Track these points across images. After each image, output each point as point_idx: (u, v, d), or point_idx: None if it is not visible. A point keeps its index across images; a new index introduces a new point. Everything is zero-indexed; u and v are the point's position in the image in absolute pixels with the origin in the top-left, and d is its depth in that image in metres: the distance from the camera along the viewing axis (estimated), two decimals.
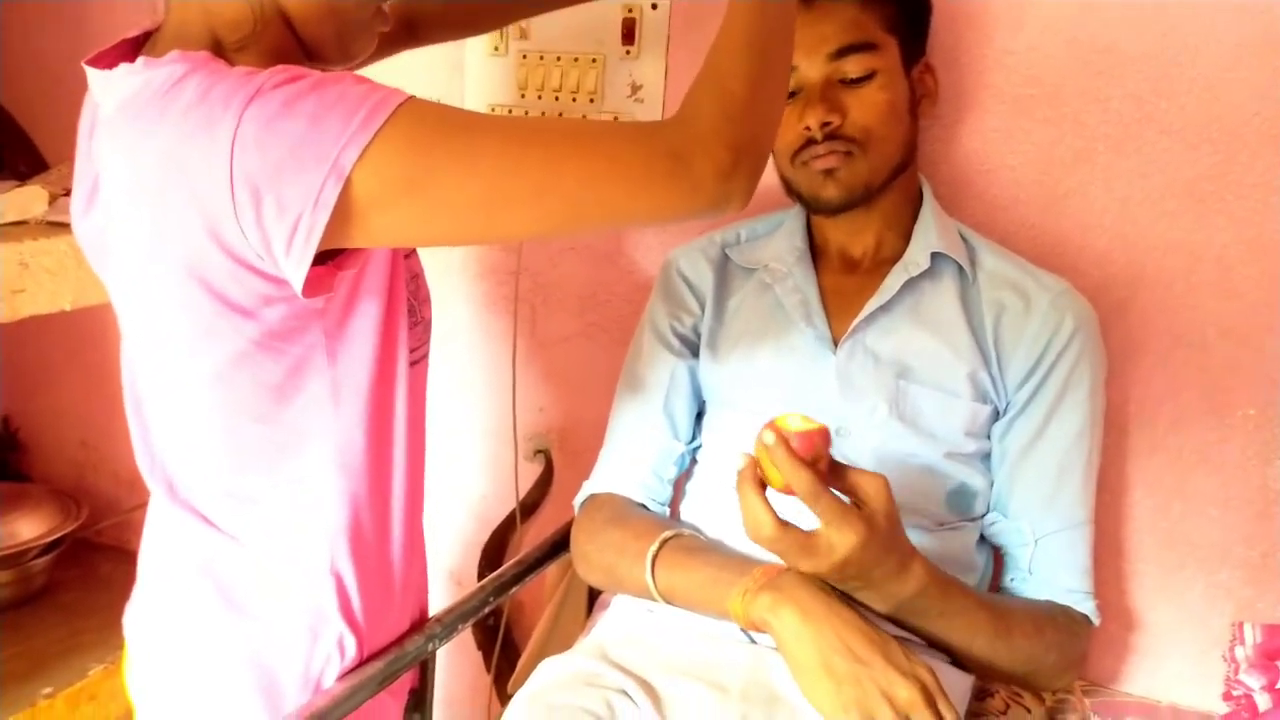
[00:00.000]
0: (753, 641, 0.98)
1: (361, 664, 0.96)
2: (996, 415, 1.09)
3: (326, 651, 0.93)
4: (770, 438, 0.84)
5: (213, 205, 0.75)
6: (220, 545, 0.93)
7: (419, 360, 0.99)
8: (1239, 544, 1.19)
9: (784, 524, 0.86)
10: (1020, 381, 1.08)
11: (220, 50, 0.82)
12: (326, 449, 0.90)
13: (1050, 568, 1.08)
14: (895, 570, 0.90)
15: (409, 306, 0.95)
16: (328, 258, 0.80)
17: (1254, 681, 1.09)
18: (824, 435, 0.86)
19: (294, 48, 0.86)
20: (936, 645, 1.00)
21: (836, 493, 0.86)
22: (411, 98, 0.77)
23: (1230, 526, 1.19)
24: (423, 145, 0.75)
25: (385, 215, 0.76)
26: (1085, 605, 1.07)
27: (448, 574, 1.67)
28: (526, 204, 0.78)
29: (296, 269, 0.76)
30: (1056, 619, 1.05)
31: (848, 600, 0.91)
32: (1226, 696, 1.13)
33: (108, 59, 0.85)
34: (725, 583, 0.94)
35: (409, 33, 1.21)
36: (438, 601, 1.19)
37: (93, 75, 0.84)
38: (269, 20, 0.83)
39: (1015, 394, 1.08)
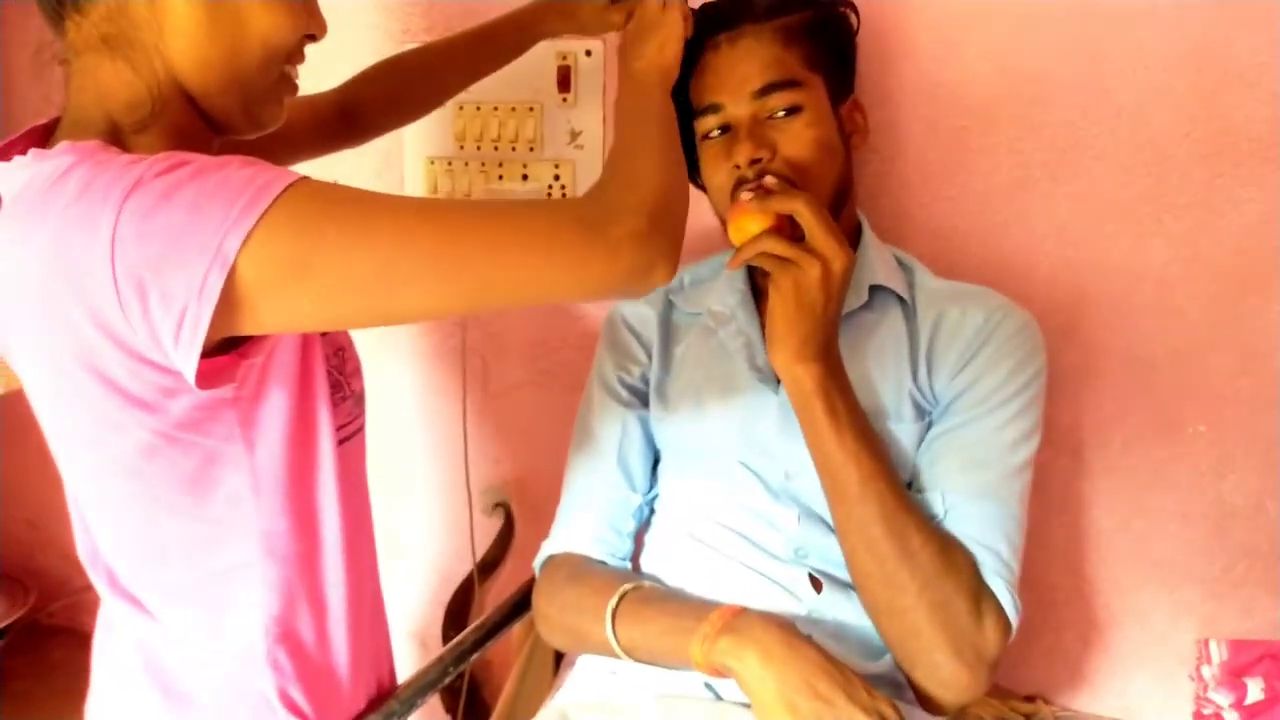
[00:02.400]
0: (718, 698, 0.97)
1: None
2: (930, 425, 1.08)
3: None
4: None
5: (99, 300, 0.72)
6: (158, 635, 0.91)
7: (351, 436, 0.96)
8: (1199, 559, 1.20)
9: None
10: (948, 380, 1.05)
11: (119, 134, 0.79)
12: (250, 541, 0.87)
13: (961, 538, 0.98)
14: (834, 334, 0.97)
15: (333, 382, 0.92)
16: (230, 346, 0.78)
17: (1223, 699, 1.10)
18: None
19: (197, 124, 0.84)
20: (834, 507, 0.99)
21: None
22: (301, 178, 0.74)
23: (1189, 542, 1.20)
24: (311, 226, 0.72)
25: (276, 301, 0.73)
26: (993, 581, 0.96)
27: (410, 636, 1.64)
28: (427, 281, 0.76)
29: (186, 361, 0.73)
30: (965, 558, 0.96)
31: (809, 639, 0.90)
32: (1197, 716, 1.13)
33: (15, 148, 0.81)
34: (685, 630, 0.93)
35: (347, 126, 1.21)
36: (403, 665, 1.16)
37: None
38: (168, 98, 0.80)
39: (944, 391, 1.05)
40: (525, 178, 1.42)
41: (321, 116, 1.20)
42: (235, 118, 0.85)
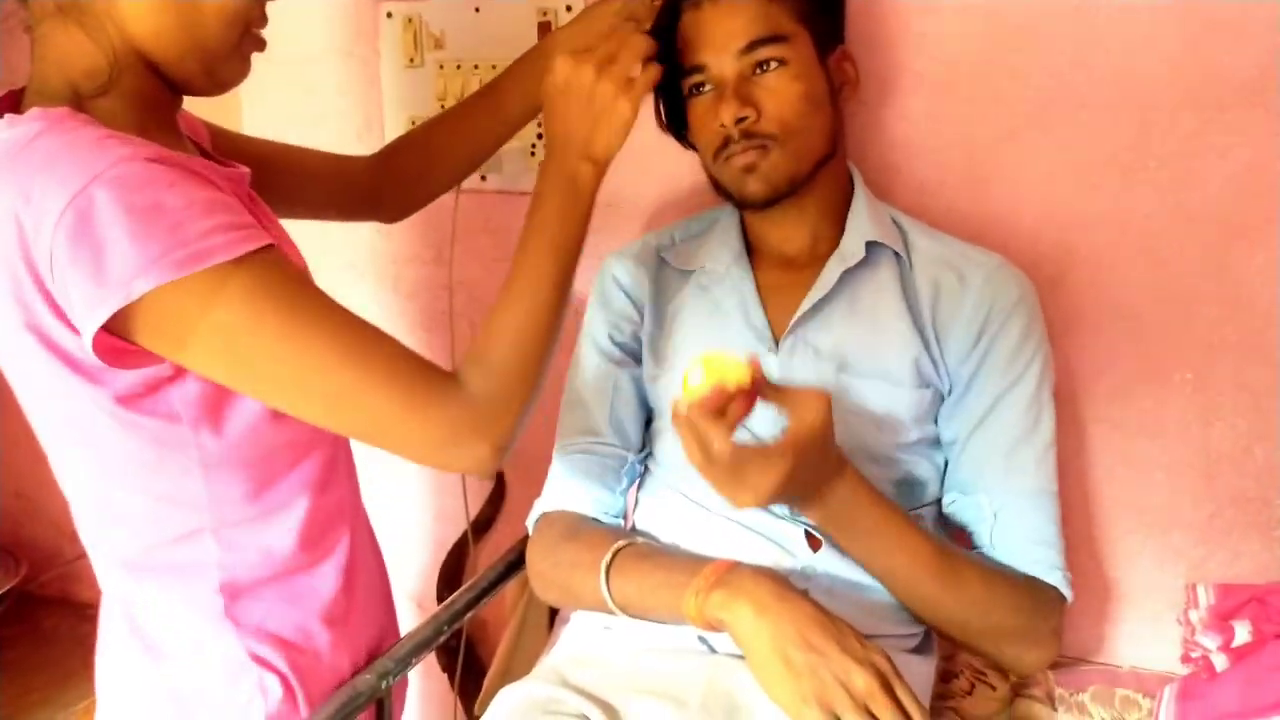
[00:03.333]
0: (712, 650, 0.98)
1: (311, 702, 0.95)
2: (941, 399, 1.09)
3: (247, 694, 0.93)
4: (683, 407, 0.89)
5: (41, 267, 0.75)
6: (135, 595, 0.94)
7: None
8: (1186, 506, 1.21)
9: (711, 456, 0.89)
10: (963, 357, 1.07)
11: (80, 100, 0.80)
12: (200, 512, 0.89)
13: (1013, 540, 1.06)
14: (830, 480, 0.95)
15: None
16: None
17: (1210, 642, 1.11)
18: (740, 382, 0.90)
19: (157, 88, 0.85)
20: (884, 583, 1.01)
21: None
22: (251, 252, 0.77)
23: (1176, 490, 1.21)
24: (254, 312, 0.77)
25: (172, 349, 0.79)
26: (1052, 576, 1.05)
27: (408, 598, 1.64)
28: (307, 404, 0.83)
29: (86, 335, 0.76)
30: (1018, 582, 1.03)
31: (802, 591, 0.91)
32: (1185, 659, 1.15)
33: None
34: (678, 585, 0.94)
35: (374, 197, 1.22)
36: (400, 627, 1.18)
37: None
38: (126, 64, 0.81)
39: (958, 370, 1.08)
40: (533, 153, 1.40)
41: (350, 180, 1.21)
42: (197, 80, 0.86)
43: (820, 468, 0.93)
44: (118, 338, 0.77)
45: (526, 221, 0.97)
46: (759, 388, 0.91)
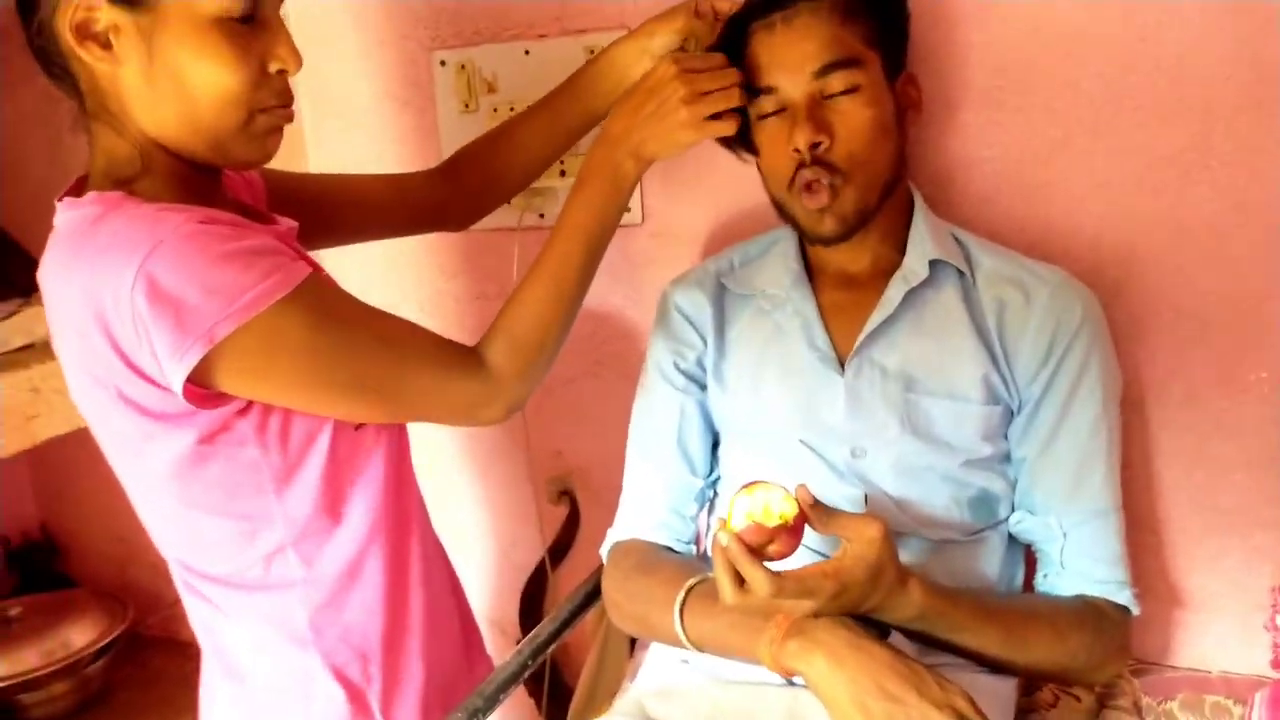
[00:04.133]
0: (791, 683, 0.99)
1: (388, 715, 1.02)
2: (1011, 415, 1.09)
3: (322, 710, 0.99)
4: (724, 539, 0.89)
5: (120, 335, 0.82)
6: (219, 621, 1.00)
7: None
8: (1267, 506, 1.19)
9: (746, 594, 0.89)
10: (1031, 377, 1.07)
11: (126, 185, 0.87)
12: (279, 529, 0.95)
13: (1082, 560, 1.08)
14: (883, 603, 0.93)
15: None
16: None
17: None
18: (784, 515, 0.90)
19: (186, 167, 0.90)
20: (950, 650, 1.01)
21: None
22: (303, 282, 0.84)
23: (1256, 489, 1.19)
24: (295, 337, 0.85)
25: (243, 383, 0.86)
26: (1121, 595, 1.07)
27: (490, 624, 1.68)
28: (372, 402, 0.94)
29: (179, 397, 0.83)
30: (1085, 620, 1.05)
31: (877, 636, 0.91)
32: (1275, 664, 1.13)
33: (70, 193, 0.90)
34: (752, 629, 0.95)
35: (437, 217, 1.28)
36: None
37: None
38: (151, 153, 0.87)
39: (1027, 390, 1.08)
40: (563, 174, 1.43)
41: (414, 199, 1.25)
42: (213, 160, 0.90)
43: (873, 593, 0.92)
44: (200, 386, 0.83)
45: (565, 205, 1.04)
46: (809, 518, 0.91)
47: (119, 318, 0.80)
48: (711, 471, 1.22)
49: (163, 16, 0.82)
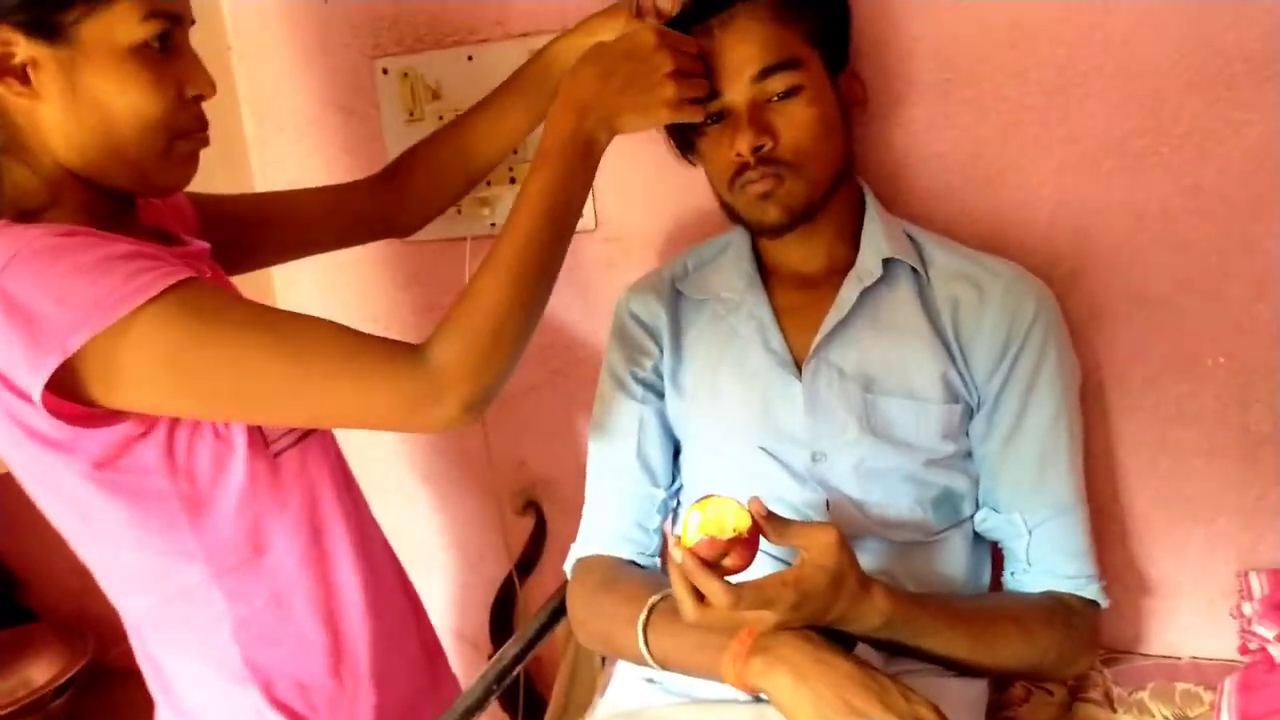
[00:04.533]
0: (756, 700, 0.97)
1: None
2: (970, 413, 1.08)
3: None
4: (678, 555, 0.87)
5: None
6: (159, 653, 0.98)
7: (293, 444, 0.98)
8: (1230, 491, 1.18)
9: (706, 609, 0.88)
10: (988, 374, 1.06)
11: (33, 216, 0.85)
12: (197, 561, 0.93)
13: (1048, 556, 1.07)
14: (848, 612, 0.91)
15: None
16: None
17: (1267, 632, 1.09)
18: (738, 528, 0.88)
19: (96, 198, 0.88)
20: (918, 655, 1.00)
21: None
22: (177, 283, 0.80)
23: (1218, 475, 1.18)
24: (174, 336, 0.80)
25: (125, 391, 0.81)
26: (1089, 590, 1.06)
27: (460, 638, 1.66)
28: (273, 409, 0.88)
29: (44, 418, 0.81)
30: (1054, 617, 1.04)
31: (840, 648, 0.90)
32: (1243, 649, 1.13)
33: None
34: (716, 647, 0.93)
35: (383, 223, 1.24)
36: (454, 667, 1.23)
37: None
38: (61, 182, 0.86)
39: (985, 387, 1.07)
40: (513, 180, 1.41)
41: (357, 207, 1.22)
42: (134, 187, 0.89)
43: (836, 601, 0.90)
44: (73, 401, 0.81)
45: (526, 181, 0.94)
46: (763, 530, 0.89)
47: None
48: (673, 481, 1.20)
49: (83, 49, 0.82)
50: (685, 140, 1.13)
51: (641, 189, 1.36)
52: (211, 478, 0.91)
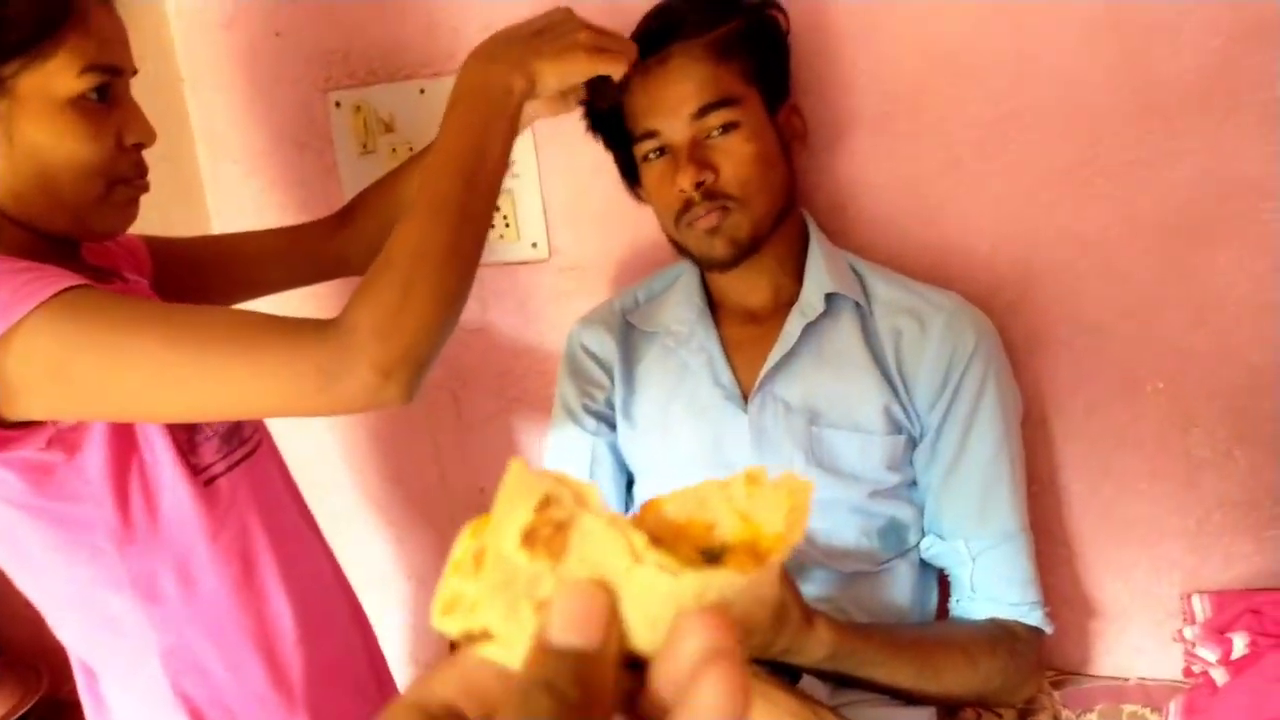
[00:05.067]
0: None
1: None
2: (914, 443, 1.09)
3: None
4: None
5: None
6: (96, 685, 0.98)
7: (225, 471, 0.97)
8: (1173, 515, 1.20)
9: None
10: (930, 405, 1.08)
11: None
12: (124, 589, 0.92)
13: (992, 584, 1.08)
14: (792, 645, 0.90)
15: (185, 426, 0.94)
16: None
17: (1210, 655, 1.10)
18: None
19: (34, 240, 0.87)
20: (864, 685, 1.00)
21: None
22: (65, 289, 0.78)
23: (1160, 499, 1.20)
24: (68, 337, 0.77)
25: (31, 398, 0.79)
26: (1032, 617, 1.07)
27: (417, 664, 1.66)
28: (176, 402, 0.82)
29: None
30: (998, 644, 1.05)
31: (777, 677, 0.90)
32: (1187, 673, 1.14)
33: None
34: None
35: (339, 262, 1.21)
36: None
37: None
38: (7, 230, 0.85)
39: (928, 417, 1.08)
40: None
41: (311, 246, 1.20)
42: (74, 232, 0.89)
43: (780, 635, 0.89)
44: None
45: (438, 135, 0.89)
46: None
47: None
48: (626, 513, 1.21)
49: (19, 100, 0.82)
50: (632, 176, 1.14)
51: (594, 219, 1.37)
52: (139, 505, 0.90)
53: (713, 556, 0.35)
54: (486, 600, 0.34)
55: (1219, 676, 1.07)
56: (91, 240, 0.94)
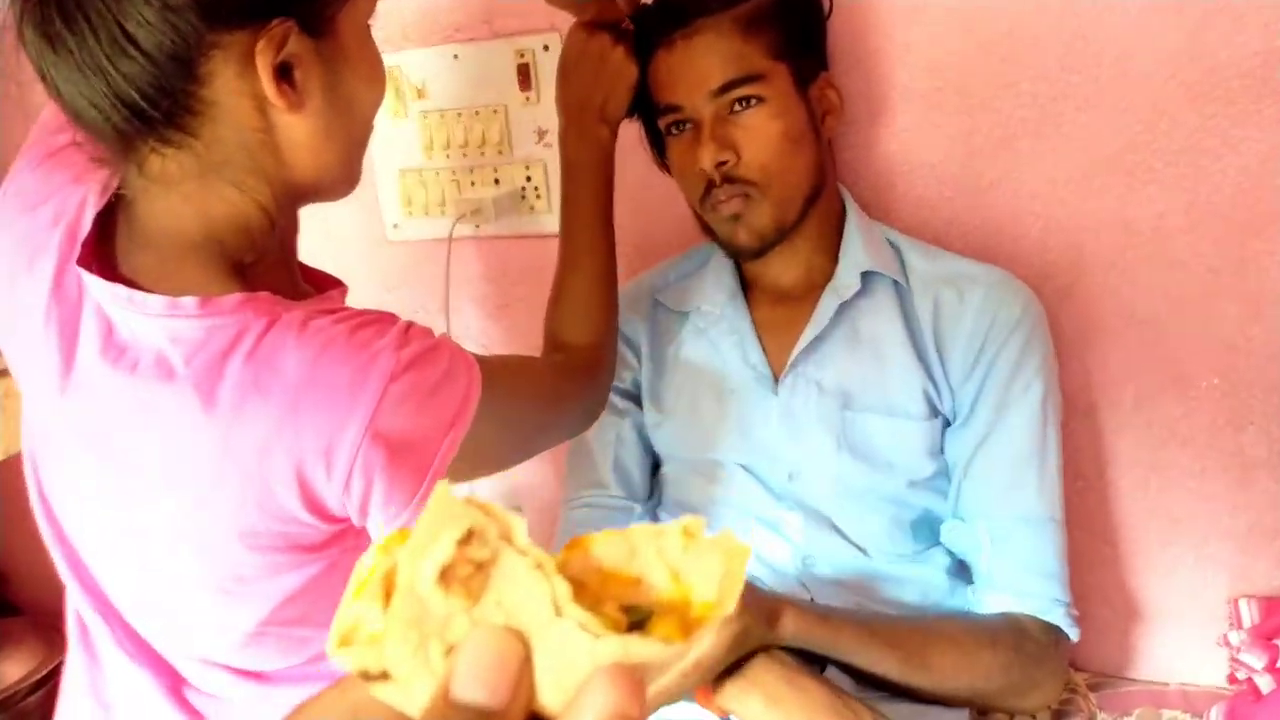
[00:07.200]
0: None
1: None
2: (948, 425, 1.05)
3: None
4: None
5: (310, 472, 0.72)
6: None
7: None
8: (1223, 514, 1.15)
9: None
10: (963, 378, 1.03)
11: (225, 252, 0.76)
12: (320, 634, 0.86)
13: (1010, 570, 1.00)
14: (762, 636, 0.87)
15: None
16: None
17: (1255, 662, 1.06)
18: None
19: (292, 219, 0.84)
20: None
21: None
22: (476, 375, 0.76)
23: (1211, 497, 1.15)
24: (490, 420, 0.78)
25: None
26: (1051, 614, 0.99)
27: None
28: (524, 455, 0.94)
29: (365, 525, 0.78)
30: (1000, 639, 0.97)
31: (813, 672, 0.87)
32: (1231, 679, 1.10)
33: (86, 260, 0.76)
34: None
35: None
36: None
37: (94, 284, 0.75)
38: (280, 209, 0.77)
39: (961, 390, 1.03)
40: (497, 182, 1.38)
41: None
42: (342, 193, 0.84)
43: (739, 655, 0.85)
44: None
45: (568, 194, 1.04)
46: None
47: (328, 468, 0.71)
48: (651, 495, 1.18)
49: (340, 39, 0.75)
50: (659, 148, 1.11)
51: (625, 192, 1.33)
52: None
53: (638, 617, 0.32)
54: (393, 636, 0.31)
55: (1264, 684, 1.03)
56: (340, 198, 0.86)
